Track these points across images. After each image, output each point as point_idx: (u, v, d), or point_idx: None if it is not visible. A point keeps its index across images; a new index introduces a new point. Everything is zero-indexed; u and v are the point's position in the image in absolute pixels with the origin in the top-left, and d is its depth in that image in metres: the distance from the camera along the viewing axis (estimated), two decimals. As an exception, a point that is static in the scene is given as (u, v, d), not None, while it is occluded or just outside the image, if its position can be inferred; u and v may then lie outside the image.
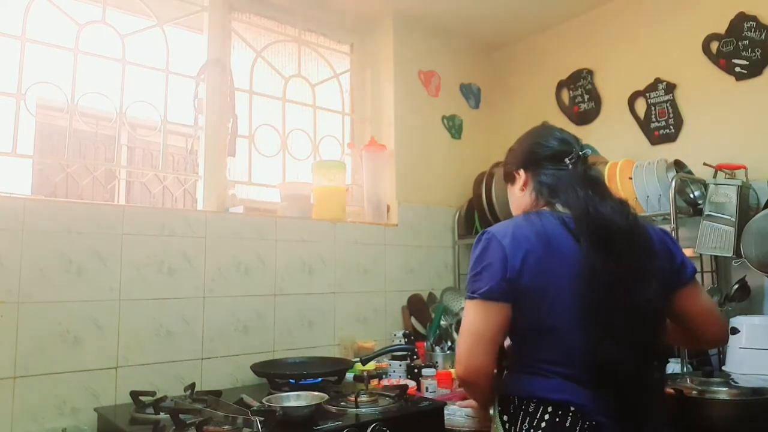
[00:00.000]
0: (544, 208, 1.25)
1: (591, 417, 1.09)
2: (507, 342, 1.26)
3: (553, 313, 1.13)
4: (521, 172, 1.33)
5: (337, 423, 1.57)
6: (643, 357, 1.10)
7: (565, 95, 2.98)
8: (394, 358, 2.31)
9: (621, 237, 1.13)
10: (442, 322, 2.55)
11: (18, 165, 2.01)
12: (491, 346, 1.15)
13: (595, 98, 2.84)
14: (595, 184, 1.23)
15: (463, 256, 2.99)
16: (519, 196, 1.34)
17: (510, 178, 1.38)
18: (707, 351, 2.11)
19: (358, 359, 2.15)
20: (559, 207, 1.23)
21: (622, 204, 1.21)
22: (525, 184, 1.32)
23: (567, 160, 1.26)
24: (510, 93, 3.28)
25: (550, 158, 1.28)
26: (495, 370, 1.21)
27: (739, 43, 2.31)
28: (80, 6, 2.19)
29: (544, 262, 1.13)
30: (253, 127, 2.60)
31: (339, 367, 2.11)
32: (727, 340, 1.37)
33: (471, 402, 1.39)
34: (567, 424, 1.09)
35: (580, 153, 1.27)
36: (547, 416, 1.11)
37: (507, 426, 1.18)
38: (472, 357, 1.15)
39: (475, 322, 1.15)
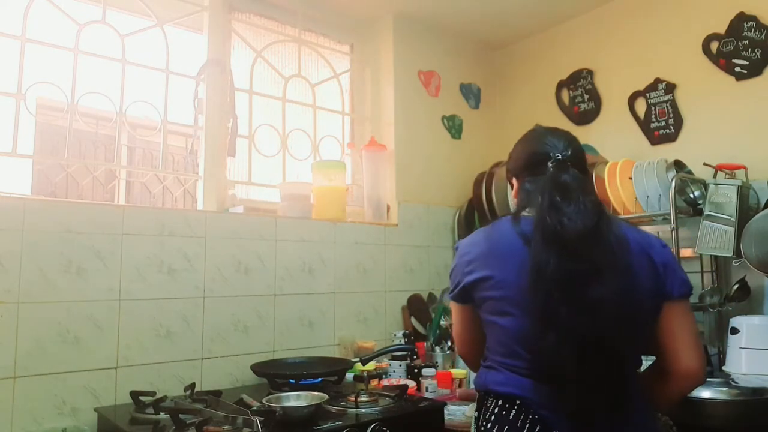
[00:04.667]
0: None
1: (535, 411, 1.12)
2: None
3: (499, 309, 1.18)
4: (514, 180, 1.35)
5: (337, 423, 1.57)
6: (589, 354, 1.05)
7: (565, 95, 2.98)
8: (394, 358, 2.31)
9: (576, 238, 1.09)
10: (442, 322, 2.55)
11: (18, 165, 2.01)
12: (467, 339, 1.35)
13: (595, 98, 2.84)
14: (564, 188, 1.17)
15: (463, 256, 2.98)
16: (515, 204, 1.35)
17: (510, 187, 1.39)
18: (707, 350, 2.06)
19: (358, 359, 2.15)
20: (525, 213, 1.23)
21: (593, 206, 1.14)
22: (516, 192, 1.34)
23: (549, 164, 1.22)
24: (510, 93, 3.29)
25: (536, 164, 1.25)
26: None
27: (739, 43, 2.31)
28: (80, 6, 2.19)
29: (490, 264, 1.20)
30: (253, 127, 2.60)
31: (339, 367, 2.11)
32: (699, 384, 1.18)
33: None
34: (511, 417, 1.13)
35: (559, 156, 1.22)
36: (496, 409, 1.17)
37: (476, 416, 1.25)
38: (458, 347, 1.41)
39: (454, 319, 1.37)
